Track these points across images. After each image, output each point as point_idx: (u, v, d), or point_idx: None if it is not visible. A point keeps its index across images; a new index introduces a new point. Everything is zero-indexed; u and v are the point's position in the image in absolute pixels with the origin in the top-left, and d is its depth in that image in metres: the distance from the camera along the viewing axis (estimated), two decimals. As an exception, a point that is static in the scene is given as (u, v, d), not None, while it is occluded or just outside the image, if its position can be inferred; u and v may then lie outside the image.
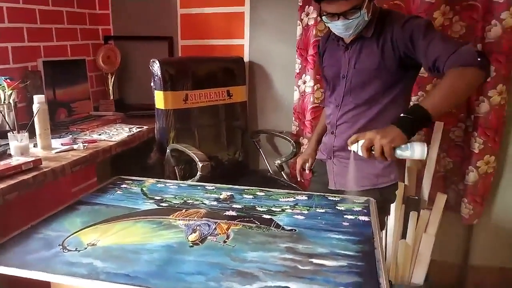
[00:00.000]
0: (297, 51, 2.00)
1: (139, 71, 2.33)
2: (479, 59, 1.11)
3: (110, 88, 2.26)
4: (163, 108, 1.78)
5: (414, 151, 1.11)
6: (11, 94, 1.57)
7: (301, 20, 1.97)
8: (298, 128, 2.09)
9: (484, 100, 1.77)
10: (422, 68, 1.27)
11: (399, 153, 1.12)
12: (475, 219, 1.92)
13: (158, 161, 1.80)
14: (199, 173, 1.50)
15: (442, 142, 1.83)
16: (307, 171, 1.64)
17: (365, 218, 1.11)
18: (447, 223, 1.91)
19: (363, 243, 0.97)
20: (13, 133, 1.32)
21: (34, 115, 1.37)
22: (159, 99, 1.78)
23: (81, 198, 1.23)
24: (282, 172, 1.97)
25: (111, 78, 2.26)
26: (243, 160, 2.10)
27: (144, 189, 1.32)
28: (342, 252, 0.92)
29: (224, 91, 1.97)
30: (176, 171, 1.72)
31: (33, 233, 1.00)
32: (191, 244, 0.95)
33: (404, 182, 1.86)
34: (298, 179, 1.69)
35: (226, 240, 0.98)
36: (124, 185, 1.35)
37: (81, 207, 1.17)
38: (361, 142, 1.14)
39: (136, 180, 1.40)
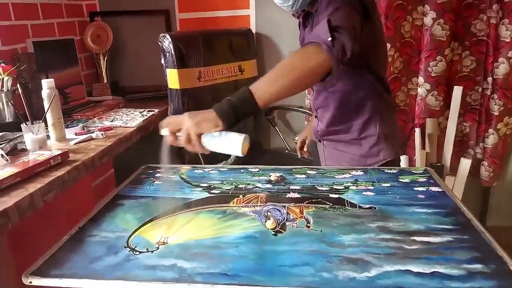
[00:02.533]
0: (308, 20, 1.89)
1: (133, 50, 2.14)
2: (331, 38, 0.89)
3: (103, 70, 2.05)
4: (178, 88, 1.62)
5: (225, 142, 0.88)
6: (8, 80, 1.37)
7: (312, -14, 1.85)
8: (312, 102, 2.00)
9: (504, 61, 1.76)
10: (438, 31, 1.08)
11: (207, 142, 0.90)
12: (495, 181, 1.95)
13: (174, 146, 1.66)
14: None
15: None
16: (304, 149, 1.59)
17: (437, 189, 1.05)
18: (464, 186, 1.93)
19: (453, 214, 0.91)
20: (26, 124, 1.15)
21: (50, 102, 1.19)
22: (173, 78, 1.62)
23: (120, 192, 1.09)
24: (303, 148, 1.88)
25: (103, 59, 2.05)
26: (256, 139, 2.00)
27: (183, 176, 1.20)
28: (439, 226, 0.86)
29: (236, 66, 1.83)
30: (199, 155, 1.59)
31: (85, 237, 0.87)
32: (274, 233, 0.86)
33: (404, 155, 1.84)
34: (299, 156, 1.63)
35: (308, 224, 0.89)
36: (158, 174, 1.22)
37: (125, 202, 1.03)
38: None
39: (169, 167, 1.27)
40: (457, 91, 1.80)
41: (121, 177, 1.49)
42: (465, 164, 1.80)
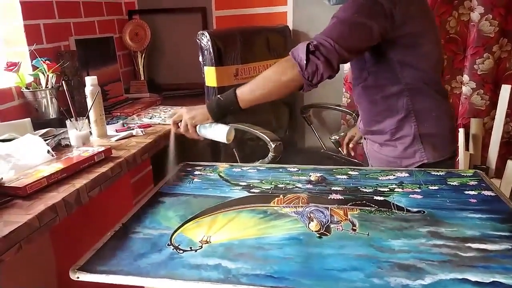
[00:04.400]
0: (347, 16, 1.85)
1: (170, 48, 2.15)
2: (305, 61, 0.99)
3: (141, 67, 2.08)
4: (215, 85, 1.62)
5: (214, 131, 1.10)
6: (52, 77, 1.40)
7: (351, -19, 1.80)
8: (349, 100, 1.95)
9: (557, 57, 1.66)
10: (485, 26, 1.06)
11: (201, 131, 1.12)
12: (544, 186, 1.84)
13: (212, 144, 1.66)
14: (271, 153, 1.38)
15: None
16: (351, 145, 1.54)
17: (490, 193, 1.00)
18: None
19: (509, 221, 0.86)
20: (71, 120, 1.17)
21: (93, 99, 1.21)
22: (211, 76, 1.62)
23: (161, 190, 1.10)
24: (339, 148, 1.84)
25: (141, 56, 2.08)
26: (290, 138, 1.97)
27: (221, 174, 1.19)
28: (495, 233, 0.81)
29: (273, 63, 1.80)
30: (236, 153, 1.59)
31: (129, 233, 0.87)
32: (319, 235, 0.84)
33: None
34: (345, 153, 1.59)
35: (354, 227, 0.86)
36: (197, 172, 1.22)
37: (165, 200, 1.03)
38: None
39: (207, 165, 1.27)
40: (505, 90, 1.71)
41: (158, 174, 1.50)
42: (512, 167, 1.71)
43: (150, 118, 1.54)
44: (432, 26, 1.20)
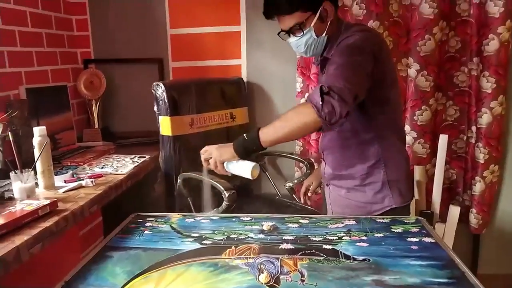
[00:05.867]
0: (297, 69, 1.96)
1: (126, 96, 2.16)
2: (321, 102, 1.03)
3: (95, 116, 2.06)
4: (169, 134, 1.63)
5: (240, 168, 1.17)
6: (-2, 127, 1.36)
7: (300, 38, 1.93)
8: (302, 148, 2.03)
9: (486, 111, 1.83)
10: (422, 82, 1.20)
11: (229, 167, 1.19)
12: (484, 228, 1.95)
13: (166, 193, 1.65)
14: (225, 203, 1.38)
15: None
16: (309, 194, 1.59)
17: (430, 240, 1.05)
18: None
19: (448, 267, 0.91)
20: (15, 172, 1.13)
21: (41, 150, 1.18)
22: (165, 125, 1.64)
23: (109, 243, 1.06)
24: (294, 195, 1.88)
25: (95, 104, 2.06)
26: (246, 185, 1.99)
27: (173, 226, 1.18)
28: (435, 280, 0.86)
29: (228, 113, 1.86)
30: (190, 202, 1.58)
31: (72, 293, 0.83)
32: None
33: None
34: (302, 202, 1.63)
35: (303, 278, 0.87)
36: (148, 223, 1.19)
37: (114, 254, 1.00)
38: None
39: (159, 216, 1.25)
40: (443, 139, 1.85)
41: (109, 225, 1.46)
42: (455, 211, 1.81)
43: (102, 167, 1.51)
44: (397, 78, 1.31)
